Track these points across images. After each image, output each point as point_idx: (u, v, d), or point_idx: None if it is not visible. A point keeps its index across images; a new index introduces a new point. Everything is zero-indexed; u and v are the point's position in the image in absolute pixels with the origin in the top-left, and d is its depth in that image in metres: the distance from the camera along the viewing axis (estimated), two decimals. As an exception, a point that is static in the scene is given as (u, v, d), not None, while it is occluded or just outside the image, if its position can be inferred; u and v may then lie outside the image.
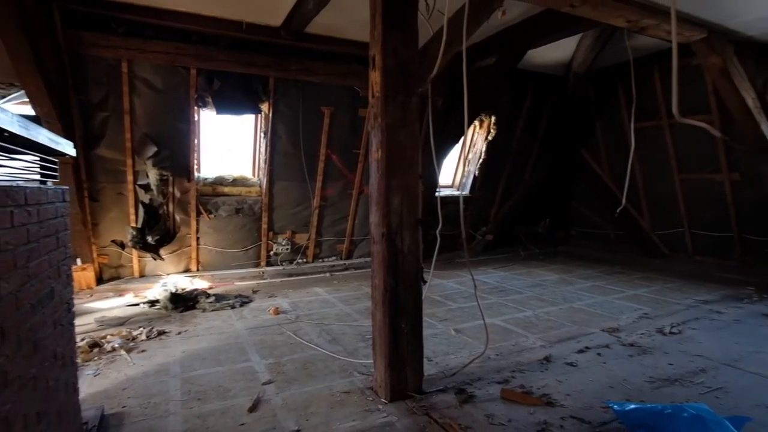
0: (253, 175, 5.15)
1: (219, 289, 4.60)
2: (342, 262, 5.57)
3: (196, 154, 4.64)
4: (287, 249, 5.25)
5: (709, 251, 5.32)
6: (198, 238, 4.77)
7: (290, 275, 5.23)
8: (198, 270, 4.85)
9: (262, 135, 4.87)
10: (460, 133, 4.85)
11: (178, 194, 4.55)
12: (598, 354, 2.92)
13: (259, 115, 4.84)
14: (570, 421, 2.11)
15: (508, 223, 6.68)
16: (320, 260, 5.52)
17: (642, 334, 3.27)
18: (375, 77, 2.26)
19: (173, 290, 4.07)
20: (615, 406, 1.99)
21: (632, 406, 1.95)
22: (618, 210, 3.91)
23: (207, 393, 2.42)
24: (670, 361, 2.79)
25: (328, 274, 5.34)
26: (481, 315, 2.69)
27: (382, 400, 2.31)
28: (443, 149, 4.97)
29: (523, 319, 3.66)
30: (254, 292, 4.56)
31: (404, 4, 2.24)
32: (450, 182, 6.47)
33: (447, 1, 2.24)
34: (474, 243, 6.45)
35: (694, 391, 2.41)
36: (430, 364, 2.73)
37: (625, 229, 6.19)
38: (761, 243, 4.76)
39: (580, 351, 2.97)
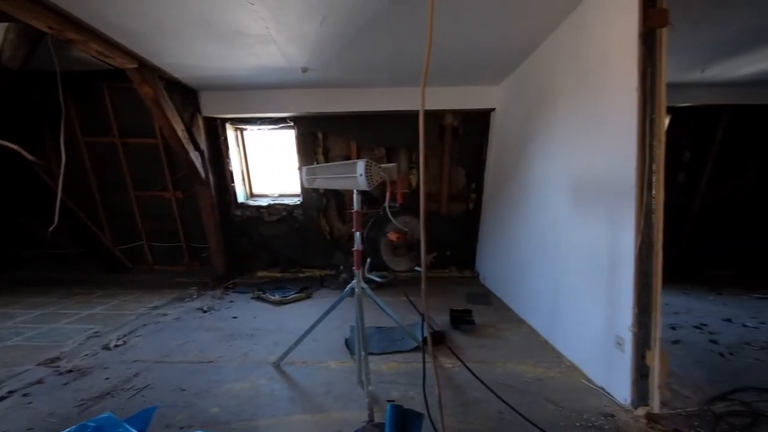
0: None
1: None
2: None
3: None
4: None
5: (165, 260, 5.94)
6: None
7: None
8: None
9: None
10: None
11: None
12: (25, 395, 2.56)
13: None
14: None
15: None
16: None
17: (86, 355, 3.17)
18: None
19: None
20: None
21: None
22: (51, 229, 3.64)
23: None
24: (108, 375, 2.84)
25: None
26: None
27: None
28: None
29: None
30: None
31: None
32: None
33: None
34: None
35: (123, 398, 2.54)
36: None
37: (87, 247, 5.90)
38: (201, 249, 5.81)
39: (1, 399, 2.51)
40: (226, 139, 5.53)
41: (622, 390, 2.39)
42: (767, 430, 2.16)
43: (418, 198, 5.70)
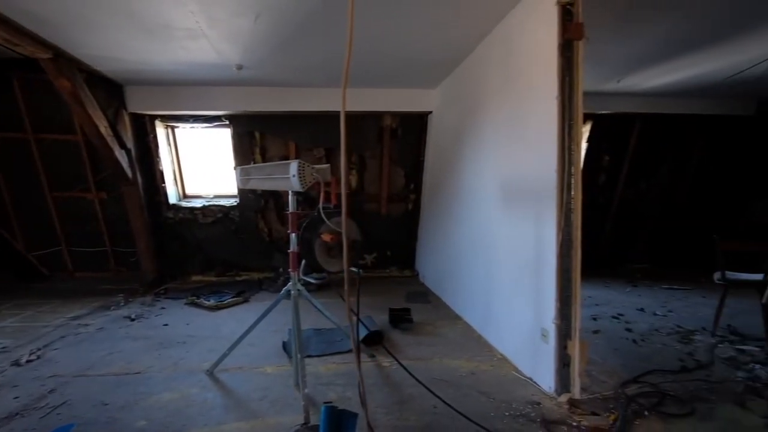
0: None
1: None
2: None
3: None
4: None
5: (88, 267, 5.53)
6: None
7: None
8: None
9: None
10: None
11: None
12: None
13: None
14: None
15: None
16: None
17: (-8, 373, 2.89)
18: None
19: None
20: None
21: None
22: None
23: None
24: (18, 394, 2.60)
25: None
26: None
27: None
28: None
29: None
30: None
31: None
32: None
33: None
34: None
35: (35, 418, 2.34)
36: None
37: (-4, 254, 5.36)
38: (128, 254, 5.46)
39: None
40: (155, 136, 5.24)
41: (547, 379, 2.54)
42: (672, 407, 2.39)
43: (358, 199, 5.74)
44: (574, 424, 2.21)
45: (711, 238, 3.50)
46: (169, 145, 5.54)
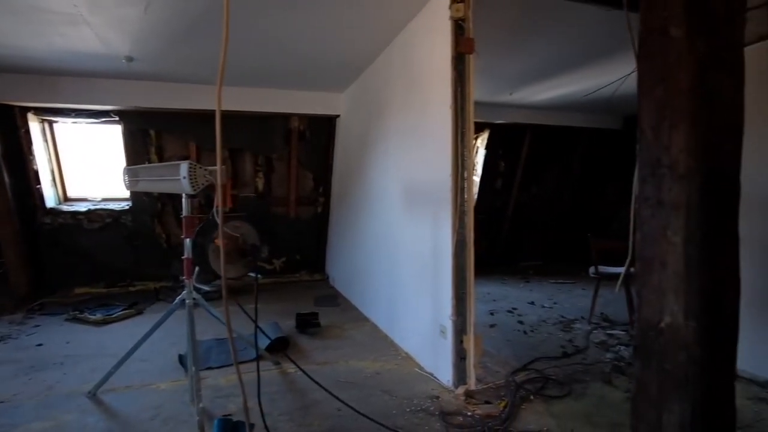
0: None
1: None
2: None
3: None
4: None
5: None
6: None
7: None
8: None
9: None
10: None
11: None
12: None
13: None
14: None
15: None
16: None
17: None
18: None
19: None
20: None
21: None
22: None
23: None
24: None
25: None
26: None
27: None
28: None
29: None
30: None
31: None
32: None
33: None
34: None
35: None
36: None
37: None
38: (-7, 265, 4.75)
39: None
40: (28, 131, 4.62)
41: (446, 373, 2.67)
42: (553, 390, 2.64)
43: (265, 202, 5.57)
44: (469, 413, 2.35)
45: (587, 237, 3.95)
46: (46, 141, 4.92)
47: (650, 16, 1.27)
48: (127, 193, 5.24)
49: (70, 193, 5.28)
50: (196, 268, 2.14)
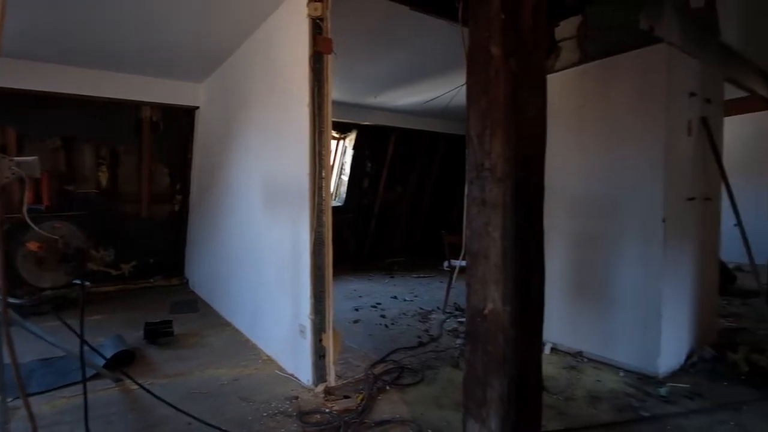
0: None
1: None
2: None
3: None
4: None
5: None
6: None
7: None
8: None
9: None
10: None
11: None
12: None
13: None
14: None
15: None
16: None
17: None
18: None
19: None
20: None
21: None
22: None
23: None
24: None
25: None
26: None
27: None
28: None
29: None
30: None
31: None
32: None
33: None
34: None
35: None
36: None
37: None
38: None
39: None
40: None
41: (306, 372, 2.65)
42: (407, 378, 2.80)
43: (110, 199, 4.91)
44: (327, 410, 2.36)
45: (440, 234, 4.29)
46: None
47: (476, 33, 1.41)
48: None
49: None
50: (-2, 278, 1.78)
